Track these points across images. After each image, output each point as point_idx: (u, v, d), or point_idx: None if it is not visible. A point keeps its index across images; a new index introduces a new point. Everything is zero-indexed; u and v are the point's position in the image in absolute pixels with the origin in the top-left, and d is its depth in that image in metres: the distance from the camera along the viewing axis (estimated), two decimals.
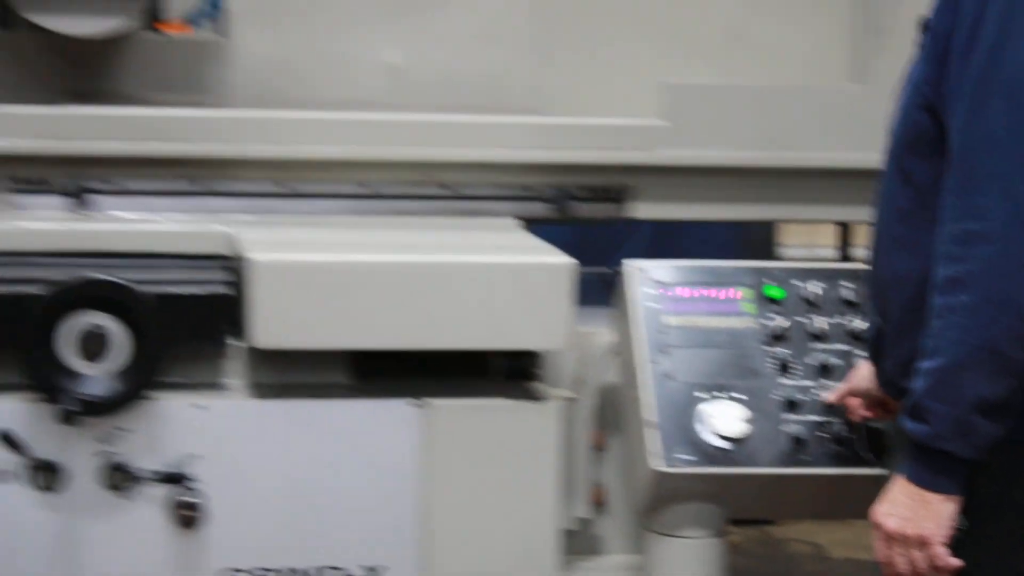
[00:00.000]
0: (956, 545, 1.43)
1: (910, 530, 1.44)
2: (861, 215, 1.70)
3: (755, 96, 2.05)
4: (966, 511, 1.44)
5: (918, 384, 1.39)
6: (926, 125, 1.46)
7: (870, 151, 1.63)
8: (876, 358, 1.60)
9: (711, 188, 2.05)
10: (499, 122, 2.01)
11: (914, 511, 1.46)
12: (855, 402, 1.75)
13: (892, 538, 1.48)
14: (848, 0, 2.17)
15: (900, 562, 1.48)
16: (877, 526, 1.52)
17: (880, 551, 1.50)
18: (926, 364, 1.37)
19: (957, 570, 1.43)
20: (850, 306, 1.80)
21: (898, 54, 1.61)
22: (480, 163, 1.98)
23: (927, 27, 1.47)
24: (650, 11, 2.17)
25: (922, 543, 1.44)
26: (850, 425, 1.76)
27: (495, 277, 1.70)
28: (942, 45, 1.43)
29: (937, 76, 1.44)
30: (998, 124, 1.34)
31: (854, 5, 2.16)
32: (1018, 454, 1.42)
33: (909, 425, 1.42)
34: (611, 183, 2.01)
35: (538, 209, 2.01)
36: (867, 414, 1.75)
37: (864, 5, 2.13)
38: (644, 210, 2.04)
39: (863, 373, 1.72)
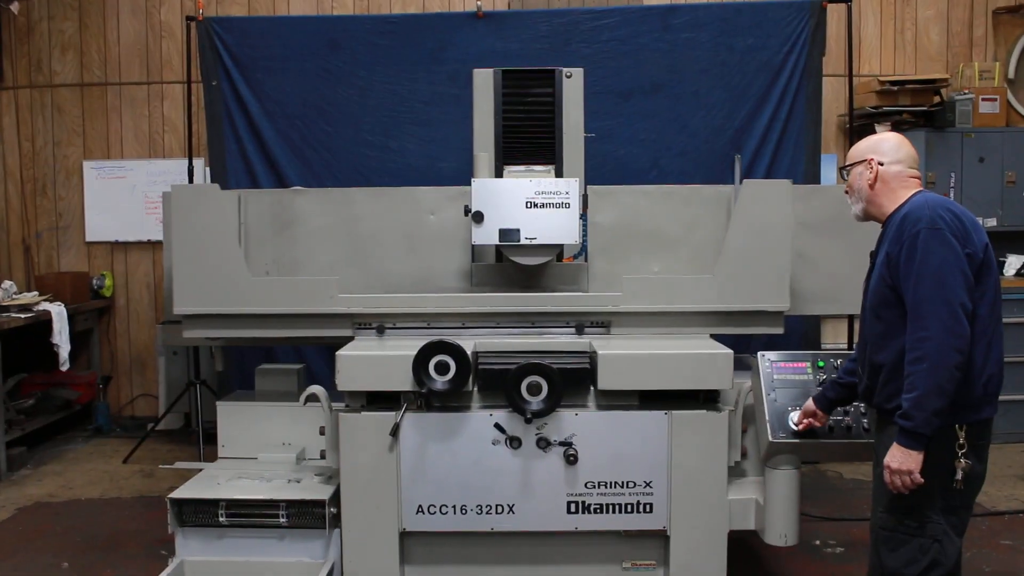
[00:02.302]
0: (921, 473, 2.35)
1: (903, 467, 2.34)
2: None
3: None
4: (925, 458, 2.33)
5: (905, 404, 2.30)
6: (888, 295, 2.43)
7: None
8: (867, 398, 2.65)
9: None
10: None
11: (904, 458, 2.35)
12: (808, 421, 3.20)
13: (894, 472, 2.36)
14: None
15: (898, 483, 2.37)
16: (887, 466, 2.38)
17: (887, 478, 2.39)
18: (907, 396, 2.30)
19: (920, 484, 2.34)
20: None
21: None
22: None
23: (878, 253, 2.49)
24: None
25: (908, 473, 2.34)
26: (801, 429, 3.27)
27: (696, 361, 3.61)
28: (894, 261, 2.35)
29: (892, 273, 2.37)
30: (927, 290, 2.27)
31: None
32: (943, 434, 2.35)
33: (901, 422, 2.30)
34: None
35: None
36: (815, 424, 3.20)
37: None
38: None
39: (811, 407, 3.15)
